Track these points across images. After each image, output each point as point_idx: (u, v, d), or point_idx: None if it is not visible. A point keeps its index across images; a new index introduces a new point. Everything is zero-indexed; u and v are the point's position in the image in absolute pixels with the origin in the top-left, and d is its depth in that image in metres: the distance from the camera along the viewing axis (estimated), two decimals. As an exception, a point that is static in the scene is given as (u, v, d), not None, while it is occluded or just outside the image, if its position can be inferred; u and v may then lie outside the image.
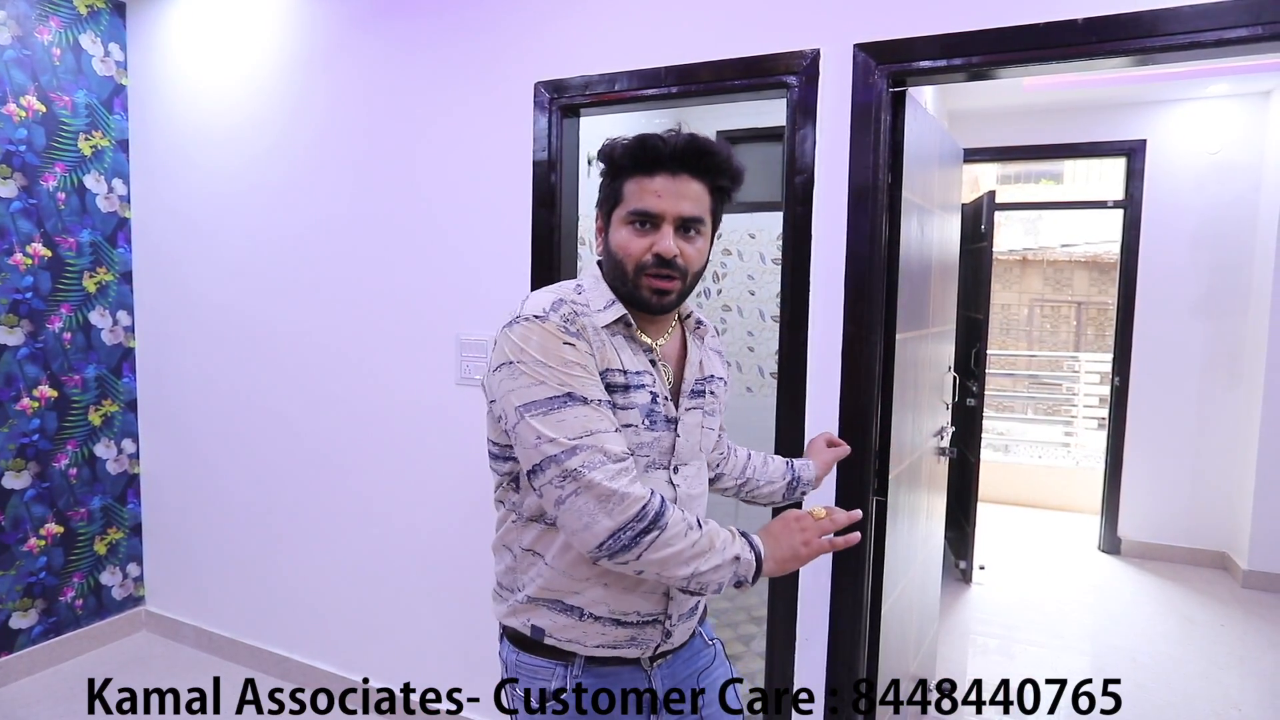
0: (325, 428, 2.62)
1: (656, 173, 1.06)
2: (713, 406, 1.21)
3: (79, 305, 2.83)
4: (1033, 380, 7.45)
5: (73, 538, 2.87)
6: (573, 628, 1.12)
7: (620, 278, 1.10)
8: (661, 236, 1.06)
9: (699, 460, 1.20)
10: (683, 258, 1.08)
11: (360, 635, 2.61)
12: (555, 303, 1.06)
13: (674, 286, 1.08)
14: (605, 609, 1.11)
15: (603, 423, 1.01)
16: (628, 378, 1.09)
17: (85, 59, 2.79)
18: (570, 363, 1.02)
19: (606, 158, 1.11)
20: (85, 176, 2.82)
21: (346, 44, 2.44)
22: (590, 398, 1.02)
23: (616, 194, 1.10)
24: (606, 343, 1.08)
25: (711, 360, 1.25)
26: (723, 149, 1.09)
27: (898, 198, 1.83)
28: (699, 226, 1.09)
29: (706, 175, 1.08)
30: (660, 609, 1.14)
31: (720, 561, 1.00)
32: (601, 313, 1.09)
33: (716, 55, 1.88)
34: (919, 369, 2.19)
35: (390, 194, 2.41)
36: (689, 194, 1.07)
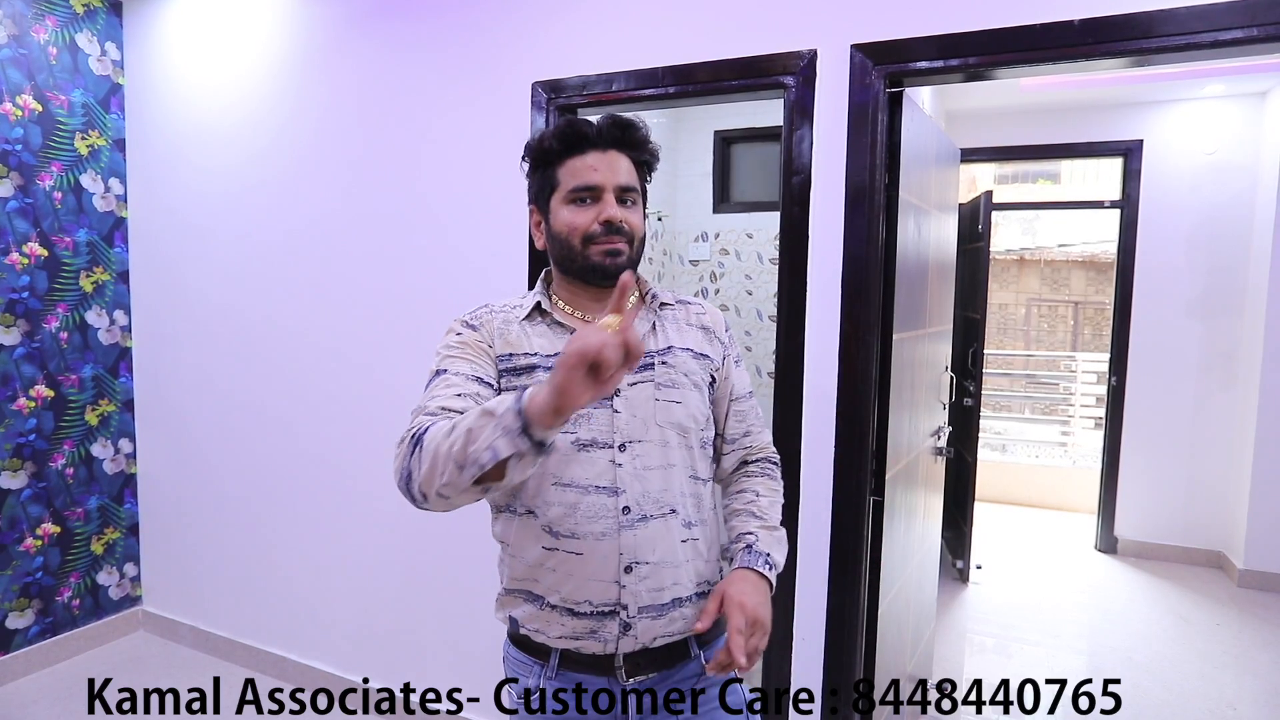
0: (322, 428, 2.62)
1: (587, 150, 1.12)
2: (671, 378, 1.14)
3: (75, 305, 2.83)
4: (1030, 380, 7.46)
5: (69, 538, 2.87)
6: (537, 617, 1.13)
7: (569, 255, 1.13)
8: (605, 205, 1.11)
9: (661, 435, 1.12)
10: (627, 223, 1.12)
11: (358, 635, 2.61)
12: (481, 306, 1.20)
13: (624, 247, 1.12)
14: (558, 596, 1.11)
15: (445, 389, 1.06)
16: (537, 359, 1.11)
17: (82, 58, 2.79)
18: (451, 345, 1.13)
19: (535, 149, 1.16)
20: (82, 176, 2.82)
21: (343, 44, 2.44)
22: (449, 371, 1.09)
23: (551, 180, 1.14)
24: (522, 331, 1.14)
25: (675, 332, 1.20)
26: (642, 125, 1.16)
27: (894, 198, 1.84)
28: (634, 195, 1.15)
29: (632, 149, 1.15)
30: (613, 599, 1.09)
31: (471, 425, 0.88)
32: (523, 308, 1.17)
33: (714, 56, 1.88)
34: (916, 369, 2.20)
35: (387, 194, 2.41)
36: (621, 167, 1.13)
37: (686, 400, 1.16)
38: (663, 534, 1.12)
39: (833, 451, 1.82)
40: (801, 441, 1.86)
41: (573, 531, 1.09)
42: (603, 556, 1.08)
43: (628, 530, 1.09)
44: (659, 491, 1.12)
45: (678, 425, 1.14)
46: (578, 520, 1.09)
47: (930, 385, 2.44)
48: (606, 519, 1.09)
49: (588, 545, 1.08)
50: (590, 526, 1.08)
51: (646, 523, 1.10)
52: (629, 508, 1.09)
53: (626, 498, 1.09)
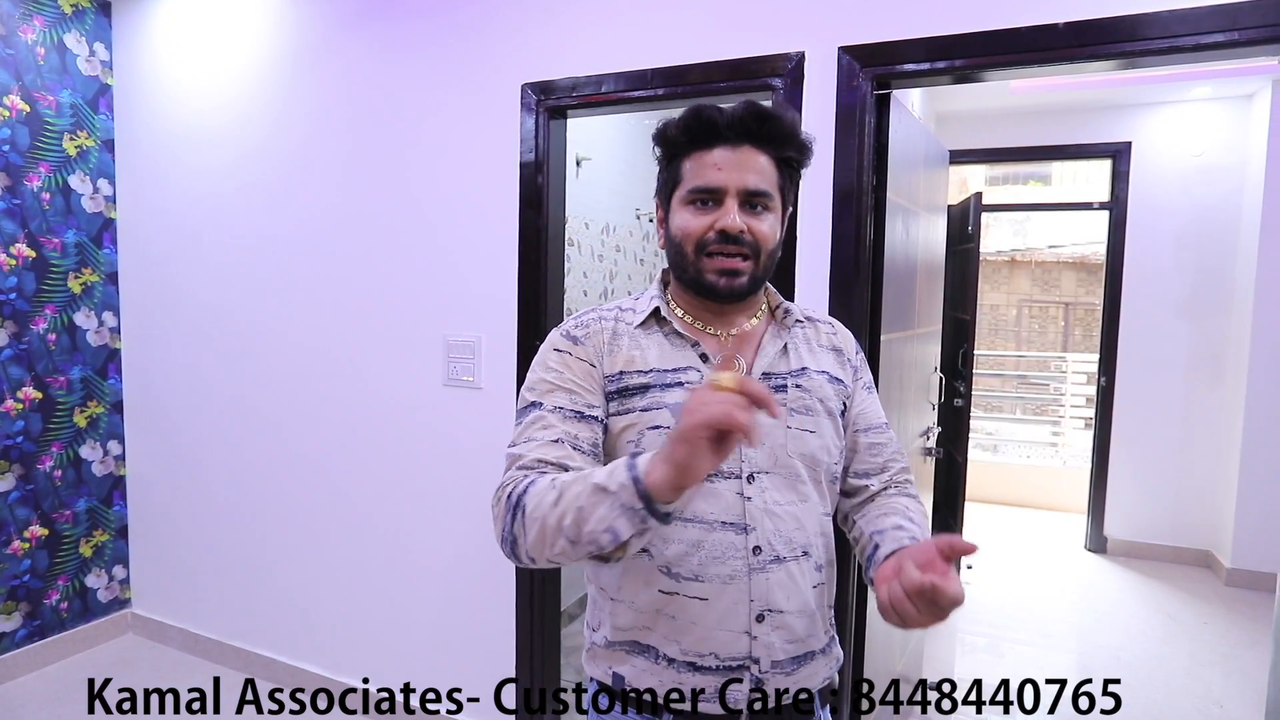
0: (313, 429, 2.61)
1: (715, 145, 0.97)
2: (805, 404, 1.01)
3: (64, 306, 2.82)
4: (1021, 380, 7.50)
5: (58, 540, 2.85)
6: (651, 673, 0.98)
7: (682, 263, 1.00)
8: (725, 212, 0.96)
9: (791, 466, 0.99)
10: (752, 233, 0.96)
11: (348, 636, 2.60)
12: (587, 311, 1.07)
13: (745, 267, 0.97)
14: (677, 649, 0.97)
15: (542, 431, 0.95)
16: (653, 376, 0.98)
17: (70, 58, 2.78)
18: (550, 368, 1.00)
19: (660, 138, 1.02)
20: (70, 177, 2.80)
21: (333, 44, 2.44)
22: (547, 405, 0.98)
23: (674, 176, 1.01)
24: (635, 343, 1.01)
25: (808, 353, 1.06)
26: (787, 115, 0.99)
27: (882, 199, 1.85)
28: (767, 201, 0.98)
29: (770, 145, 0.98)
30: (744, 652, 0.96)
31: (584, 504, 0.81)
32: (640, 313, 1.03)
33: (703, 57, 1.89)
34: (904, 370, 2.21)
35: (377, 195, 2.41)
36: (752, 166, 0.97)
37: (821, 429, 1.02)
38: (796, 578, 0.99)
39: (821, 452, 1.83)
40: (790, 442, 1.86)
41: (696, 574, 0.96)
42: (731, 602, 0.95)
43: (759, 574, 0.96)
44: (792, 530, 0.99)
45: (810, 457, 1.01)
46: (701, 560, 0.95)
47: (919, 386, 2.45)
48: (735, 560, 0.95)
49: (714, 589, 0.95)
50: (716, 568, 0.95)
51: (781, 565, 0.97)
52: (760, 548, 0.97)
53: (757, 536, 0.96)
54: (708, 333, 1.04)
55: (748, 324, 1.05)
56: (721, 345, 1.03)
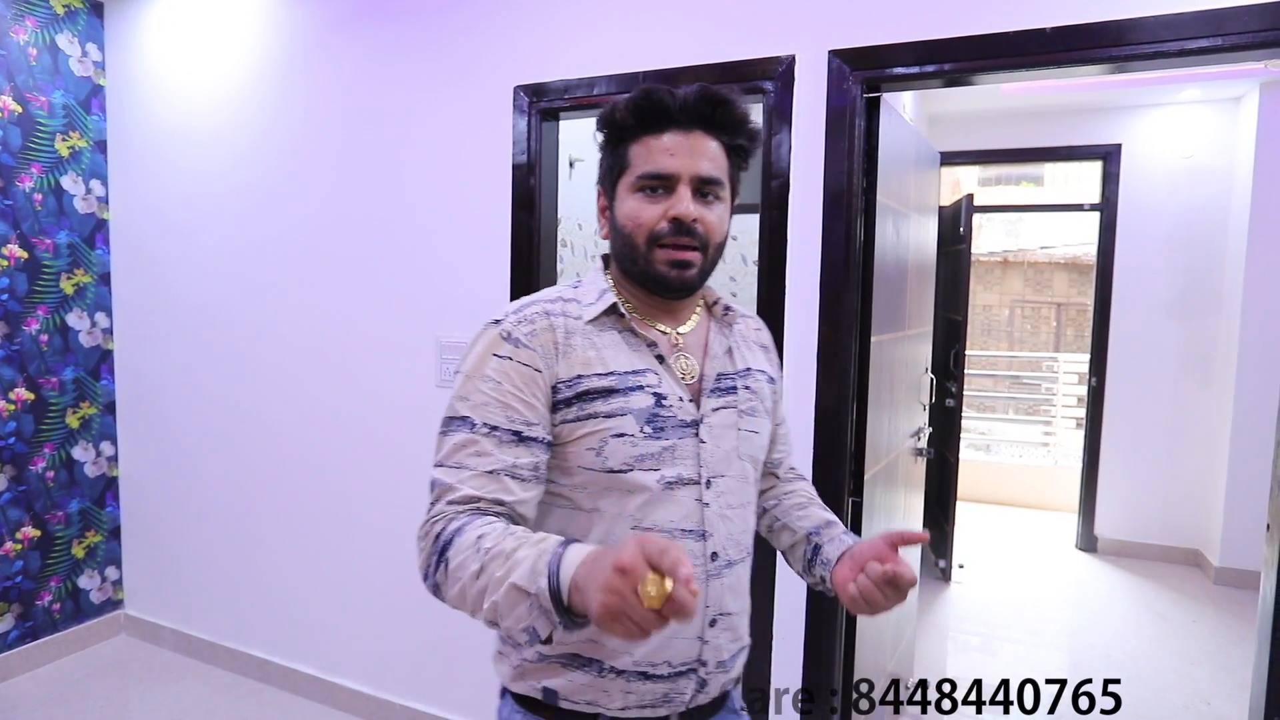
0: (306, 429, 2.61)
1: (666, 129, 0.91)
2: (752, 405, 1.01)
3: (56, 307, 2.81)
4: (1013, 380, 7.54)
5: (50, 541, 2.85)
6: (592, 686, 0.93)
7: (630, 255, 0.94)
8: (677, 199, 0.91)
9: (741, 469, 0.99)
10: (703, 224, 0.92)
11: (341, 638, 2.61)
12: (528, 302, 0.96)
13: (694, 258, 0.93)
14: (629, 660, 0.92)
15: (476, 458, 0.87)
16: (614, 379, 0.92)
17: (62, 59, 2.77)
18: (486, 377, 0.90)
19: (607, 121, 0.95)
20: (62, 177, 2.80)
21: (326, 46, 2.44)
22: (480, 422, 0.88)
23: (621, 161, 0.94)
24: (590, 342, 0.93)
25: (749, 353, 1.06)
26: (738, 102, 0.94)
27: (873, 201, 1.86)
28: (718, 190, 0.93)
29: (722, 131, 0.93)
30: (694, 655, 0.94)
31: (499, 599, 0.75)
32: (590, 306, 0.95)
33: (695, 60, 1.90)
34: (895, 370, 2.22)
35: (369, 196, 2.41)
36: (705, 151, 0.92)
37: (762, 430, 1.02)
38: (742, 579, 1.00)
39: (811, 453, 1.85)
40: (781, 442, 1.87)
41: None
42: None
43: (715, 580, 0.95)
44: (740, 533, 0.99)
45: (754, 458, 1.01)
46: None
47: (910, 386, 2.47)
48: (695, 568, 0.88)
49: None
50: None
51: (732, 568, 0.97)
52: (717, 553, 0.95)
53: (714, 542, 0.95)
54: (658, 330, 0.99)
55: (692, 320, 1.02)
56: (673, 346, 0.99)
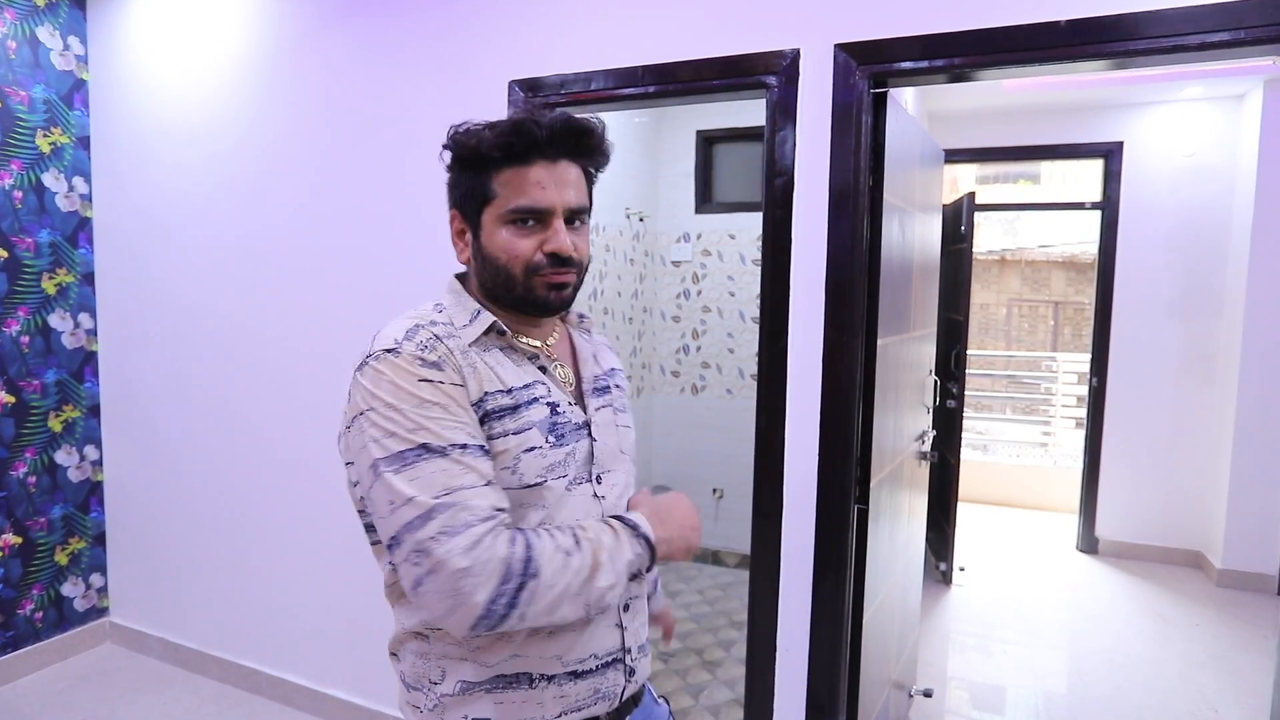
0: (296, 433, 2.55)
1: (533, 160, 0.93)
2: (622, 402, 1.10)
3: (38, 308, 2.74)
4: (1011, 380, 7.50)
5: (32, 548, 2.77)
6: (525, 701, 0.93)
7: (506, 284, 0.96)
8: (554, 233, 0.94)
9: (623, 463, 1.06)
10: (577, 252, 0.97)
11: (332, 648, 2.54)
12: (410, 330, 0.92)
13: (570, 279, 0.98)
14: (558, 663, 0.94)
15: (466, 476, 0.85)
16: (514, 395, 0.93)
17: (43, 52, 2.69)
18: (427, 403, 0.86)
19: (466, 149, 0.96)
20: (44, 174, 2.72)
21: (315, 39, 2.37)
22: (450, 443, 0.85)
23: (483, 190, 0.95)
24: (479, 362, 0.93)
25: (607, 355, 1.14)
26: (598, 127, 0.98)
27: (879, 200, 1.80)
28: (584, 216, 0.99)
29: (585, 157, 0.98)
30: (617, 644, 0.99)
31: (614, 579, 0.87)
32: (468, 328, 0.95)
33: (695, 54, 1.84)
34: (900, 372, 2.17)
35: (359, 195, 2.34)
36: (571, 181, 0.96)
37: (631, 425, 1.11)
38: None
39: (816, 458, 1.79)
40: (785, 448, 1.82)
41: None
42: None
43: None
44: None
45: (630, 449, 1.09)
46: None
47: (915, 389, 2.42)
48: None
49: None
50: None
51: None
52: None
53: None
54: (532, 344, 1.01)
55: (555, 333, 1.07)
56: (549, 356, 1.03)
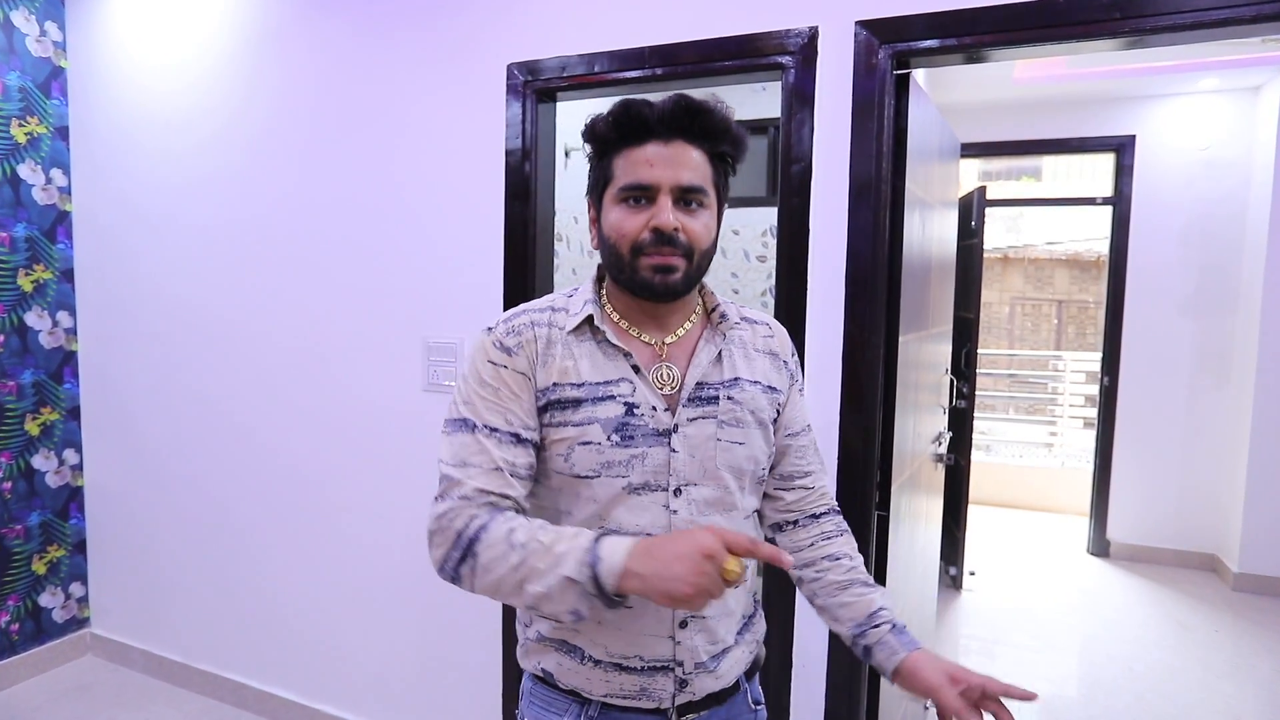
0: (286, 435, 2.43)
1: (646, 141, 0.94)
2: (735, 415, 1.01)
3: (13, 305, 2.62)
4: (1015, 379, 7.41)
5: (7, 557, 2.65)
6: (577, 672, 1.00)
7: (618, 264, 0.97)
8: (659, 210, 0.93)
9: (720, 480, 1.00)
10: (685, 233, 0.94)
11: (323, 661, 2.43)
12: (518, 312, 1.01)
13: (678, 263, 0.94)
14: (603, 651, 0.99)
15: (479, 456, 0.94)
16: (585, 390, 0.96)
17: (18, 38, 2.57)
18: (485, 383, 0.97)
19: (589, 134, 0.98)
20: (19, 166, 2.60)
21: (303, 22, 2.25)
22: (484, 424, 0.95)
23: (606, 173, 0.97)
24: (569, 352, 0.97)
25: (743, 361, 1.05)
26: (720, 108, 0.96)
27: (901, 190, 1.70)
28: (701, 198, 0.95)
29: (704, 139, 0.96)
30: (668, 654, 0.98)
31: (546, 590, 0.85)
32: (574, 316, 0.99)
33: (704, 34, 1.73)
34: (919, 372, 2.07)
35: (350, 185, 2.23)
36: (686, 161, 0.94)
37: (750, 441, 1.02)
38: None
39: (836, 464, 1.68)
40: (802, 453, 1.71)
41: None
42: (655, 611, 0.97)
43: None
44: None
45: (737, 468, 1.01)
46: None
47: (932, 389, 2.31)
48: None
49: (639, 599, 0.94)
50: None
51: None
52: None
53: None
54: (642, 340, 1.01)
55: (682, 328, 1.02)
56: (656, 355, 1.01)
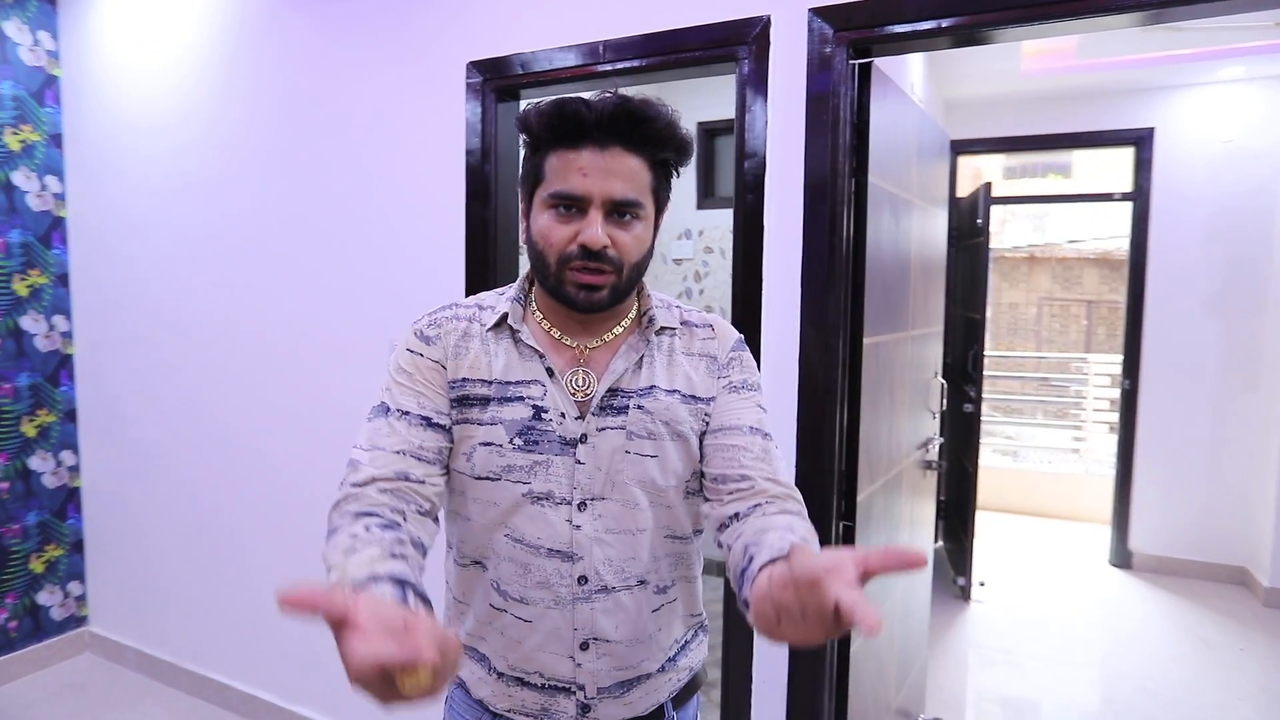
0: (265, 436, 2.43)
1: (582, 145, 0.87)
2: (647, 426, 0.93)
3: (9, 310, 2.67)
4: (1041, 383, 7.18)
5: (5, 556, 2.71)
6: (484, 682, 0.97)
7: (543, 272, 0.92)
8: (588, 224, 0.87)
9: (628, 494, 0.92)
10: (615, 248, 0.88)
11: (303, 664, 2.42)
12: (445, 306, 1.00)
13: (605, 280, 0.89)
14: (505, 663, 0.95)
15: (388, 438, 0.91)
16: (494, 388, 0.92)
17: (11, 48, 2.63)
18: (402, 369, 0.95)
19: (523, 126, 0.92)
20: (13, 173, 2.65)
21: (276, 23, 2.26)
22: (397, 407, 0.93)
23: (538, 170, 0.91)
24: (485, 349, 0.94)
25: (665, 369, 0.96)
26: (662, 113, 0.89)
27: (863, 186, 1.63)
28: (636, 210, 0.89)
29: (644, 146, 0.89)
30: (568, 675, 0.94)
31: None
32: (491, 310, 0.97)
33: (661, 25, 1.68)
34: (897, 374, 1.98)
35: (319, 187, 2.22)
36: (621, 171, 0.87)
37: (664, 454, 0.94)
38: (629, 608, 0.94)
39: (793, 471, 1.61)
40: (759, 459, 1.65)
41: (522, 596, 0.93)
42: (553, 629, 0.93)
43: (583, 603, 0.93)
44: (624, 560, 0.94)
45: (650, 483, 0.94)
46: (527, 585, 0.93)
47: (917, 392, 2.22)
48: (560, 587, 0.92)
49: (537, 613, 0.93)
50: (540, 593, 0.93)
51: (608, 595, 0.93)
52: (585, 577, 0.92)
53: (584, 565, 0.92)
54: (564, 343, 0.96)
55: (610, 333, 0.97)
56: (575, 358, 0.96)
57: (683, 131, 0.91)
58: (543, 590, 0.92)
